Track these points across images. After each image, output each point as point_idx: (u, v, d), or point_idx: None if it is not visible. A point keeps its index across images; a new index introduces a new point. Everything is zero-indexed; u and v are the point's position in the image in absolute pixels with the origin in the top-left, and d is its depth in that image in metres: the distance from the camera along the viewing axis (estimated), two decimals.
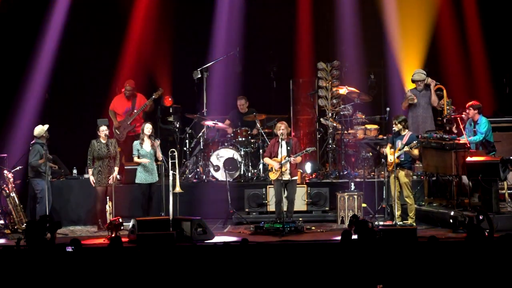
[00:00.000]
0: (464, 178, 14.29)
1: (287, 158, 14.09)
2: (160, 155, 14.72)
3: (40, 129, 14.87)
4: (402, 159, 14.14)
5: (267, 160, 14.44)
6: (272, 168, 14.27)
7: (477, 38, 17.67)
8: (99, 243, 13.45)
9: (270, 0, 18.13)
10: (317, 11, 17.98)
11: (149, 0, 17.93)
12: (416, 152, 14.10)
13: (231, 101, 17.41)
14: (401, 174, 14.13)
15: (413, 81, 15.98)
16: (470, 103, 14.80)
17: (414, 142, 14.06)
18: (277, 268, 9.63)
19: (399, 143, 14.15)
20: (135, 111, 16.54)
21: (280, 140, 14.22)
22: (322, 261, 9.73)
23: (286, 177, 14.12)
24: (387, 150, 14.30)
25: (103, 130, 14.74)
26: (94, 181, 14.60)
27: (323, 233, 14.16)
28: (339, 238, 10.62)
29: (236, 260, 9.57)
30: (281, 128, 14.21)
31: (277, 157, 14.21)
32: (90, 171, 14.68)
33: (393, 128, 14.40)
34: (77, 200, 15.67)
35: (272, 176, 14.31)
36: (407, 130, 14.35)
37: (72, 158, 16.34)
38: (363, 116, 16.85)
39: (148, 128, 14.72)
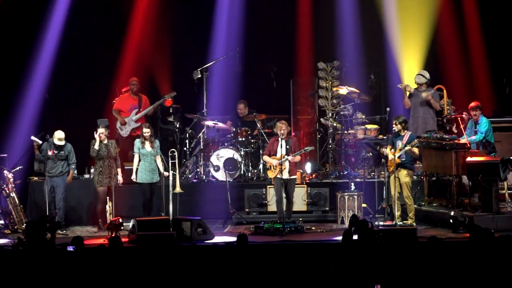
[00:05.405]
0: (464, 178, 14.28)
1: (286, 156, 14.10)
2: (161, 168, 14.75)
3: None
4: (403, 159, 14.14)
5: (266, 158, 14.45)
6: (270, 166, 14.28)
7: (477, 38, 17.67)
8: (99, 243, 13.44)
9: (270, 0, 18.14)
10: (317, 11, 17.98)
11: (149, 0, 17.94)
12: (416, 150, 14.10)
13: (231, 101, 17.41)
14: (402, 173, 14.13)
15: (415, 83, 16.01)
16: (473, 104, 14.68)
17: (415, 140, 14.06)
18: (277, 268, 9.63)
19: (399, 143, 14.15)
20: (141, 110, 16.52)
21: (279, 139, 14.24)
22: (322, 261, 9.73)
23: (285, 175, 14.12)
24: (388, 151, 14.29)
25: (102, 131, 14.72)
26: (99, 181, 14.63)
27: (323, 233, 14.15)
28: (339, 238, 10.62)
29: (236, 260, 9.57)
30: (282, 128, 14.22)
31: (276, 155, 14.24)
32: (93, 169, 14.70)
33: (393, 128, 14.40)
34: (77, 200, 15.64)
35: (271, 174, 14.33)
36: (406, 131, 14.36)
37: None
38: (363, 116, 16.86)
39: (147, 132, 14.69)
